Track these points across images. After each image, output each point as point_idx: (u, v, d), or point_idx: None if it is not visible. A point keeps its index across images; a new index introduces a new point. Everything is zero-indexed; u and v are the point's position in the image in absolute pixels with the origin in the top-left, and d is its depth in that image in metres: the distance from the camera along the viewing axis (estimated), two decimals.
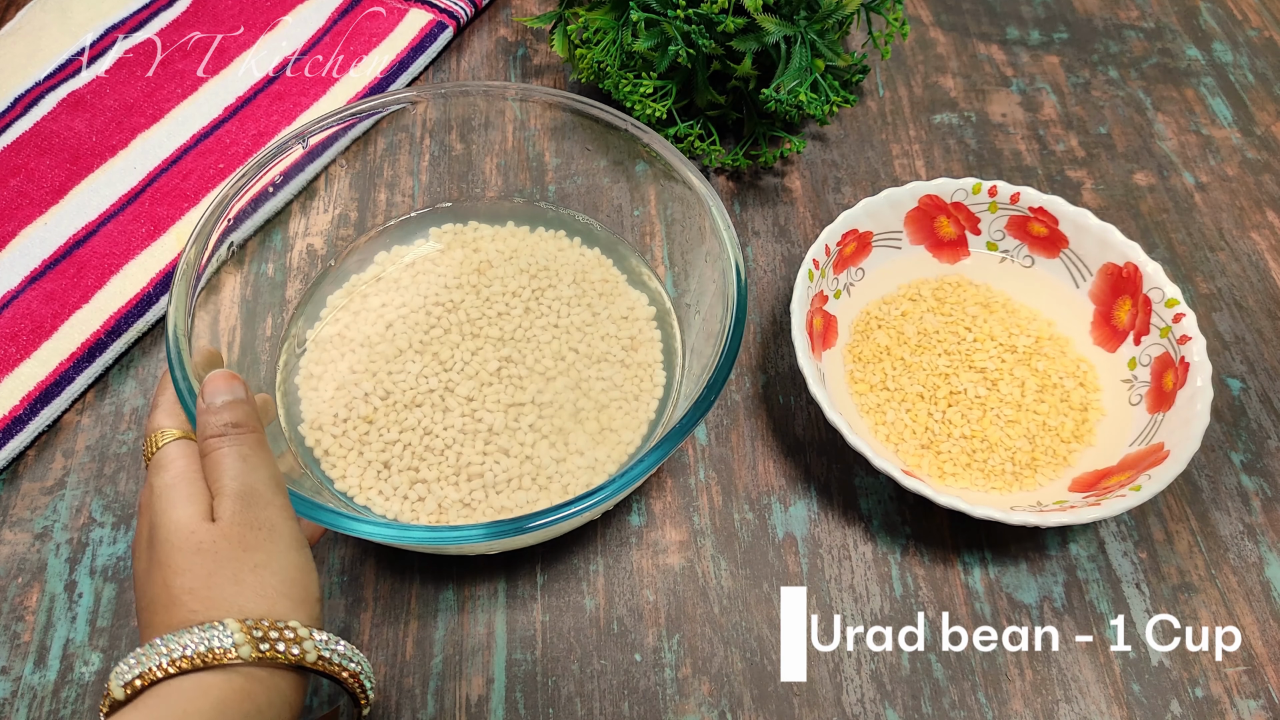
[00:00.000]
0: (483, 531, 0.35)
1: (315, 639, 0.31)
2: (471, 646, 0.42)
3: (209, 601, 0.30)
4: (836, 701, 0.41)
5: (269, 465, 0.34)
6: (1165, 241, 0.58)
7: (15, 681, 0.41)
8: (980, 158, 0.61)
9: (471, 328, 0.48)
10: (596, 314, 0.49)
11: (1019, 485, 0.46)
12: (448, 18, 0.64)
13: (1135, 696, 0.42)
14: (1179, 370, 0.46)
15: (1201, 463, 0.49)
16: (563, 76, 0.64)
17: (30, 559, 0.44)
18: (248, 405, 0.34)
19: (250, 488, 0.32)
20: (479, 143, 0.55)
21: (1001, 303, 0.52)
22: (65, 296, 0.50)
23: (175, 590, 0.30)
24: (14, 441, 0.46)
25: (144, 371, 0.50)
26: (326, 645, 0.31)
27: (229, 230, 0.43)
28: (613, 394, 0.46)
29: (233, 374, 0.35)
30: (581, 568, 0.44)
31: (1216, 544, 0.47)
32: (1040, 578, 0.45)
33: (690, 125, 0.57)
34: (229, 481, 0.32)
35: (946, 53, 0.67)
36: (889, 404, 0.48)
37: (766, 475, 0.48)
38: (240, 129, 0.58)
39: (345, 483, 0.43)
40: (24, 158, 0.56)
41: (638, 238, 0.52)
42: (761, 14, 0.51)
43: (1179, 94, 0.65)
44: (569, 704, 0.41)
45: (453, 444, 0.44)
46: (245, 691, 0.29)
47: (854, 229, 0.50)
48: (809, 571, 0.45)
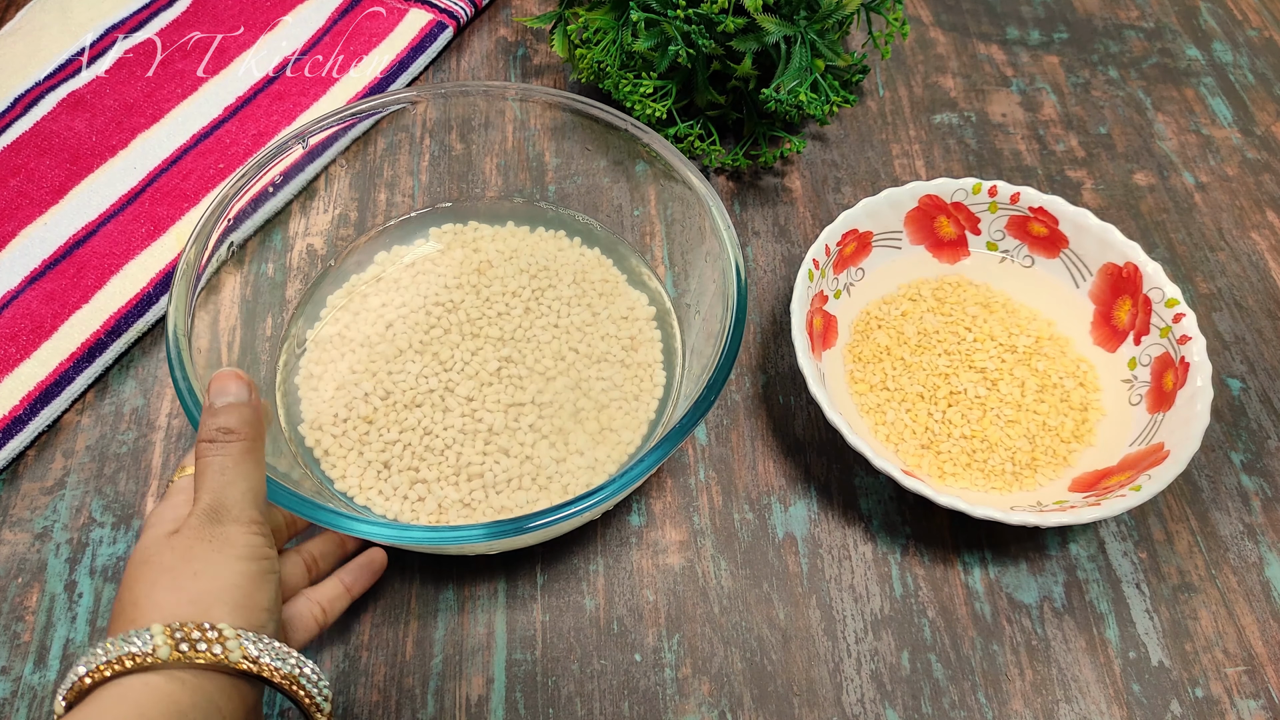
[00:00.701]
0: (483, 531, 0.35)
1: (242, 639, 0.30)
2: (471, 646, 0.42)
3: (145, 609, 0.30)
4: (836, 701, 0.41)
5: (249, 476, 0.33)
6: (1165, 241, 0.58)
7: (15, 681, 0.41)
8: (980, 158, 0.61)
9: (471, 328, 0.48)
10: (596, 314, 0.49)
11: (1019, 485, 0.46)
12: (448, 18, 0.64)
13: (1135, 696, 0.42)
14: (1179, 370, 0.46)
15: (1201, 463, 0.49)
16: (563, 76, 0.64)
17: (30, 559, 0.44)
18: (245, 408, 0.34)
19: (219, 502, 0.32)
20: (479, 143, 0.55)
21: (1001, 303, 0.52)
22: (65, 296, 0.50)
23: (123, 603, 0.31)
24: (14, 441, 0.46)
25: (144, 371, 0.50)
26: (257, 645, 0.31)
27: (229, 230, 0.43)
28: (613, 394, 0.46)
29: (236, 373, 0.35)
30: (581, 568, 0.44)
31: (1216, 544, 0.47)
32: (1040, 578, 0.45)
33: (690, 125, 0.57)
34: (202, 495, 0.33)
35: (946, 53, 0.67)
36: (889, 404, 0.48)
37: (766, 475, 0.48)
38: (240, 129, 0.58)
39: (345, 483, 0.43)
40: (24, 158, 0.56)
41: (638, 238, 0.52)
42: (761, 14, 0.51)
43: (1179, 94, 0.65)
44: (569, 704, 0.41)
45: (453, 444, 0.44)
46: (167, 694, 0.29)
47: (854, 229, 0.50)
48: (809, 571, 0.45)
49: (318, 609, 0.38)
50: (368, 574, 0.41)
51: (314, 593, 0.39)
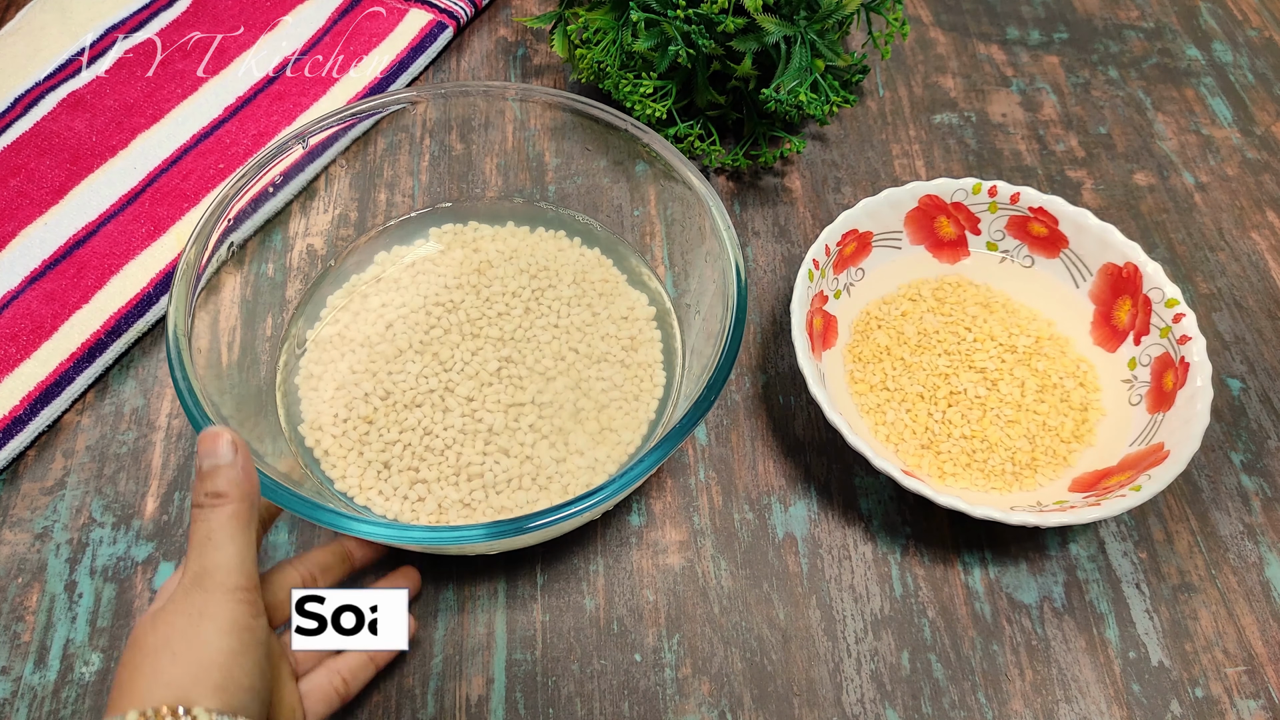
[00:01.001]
0: (483, 531, 0.35)
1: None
2: (471, 646, 0.42)
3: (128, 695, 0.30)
4: (836, 701, 0.41)
5: (236, 540, 0.33)
6: (1165, 241, 0.58)
7: (15, 681, 0.41)
8: (980, 158, 0.61)
9: (471, 328, 0.48)
10: (596, 314, 0.49)
11: (1019, 485, 0.46)
12: (448, 18, 0.64)
13: (1135, 696, 0.42)
14: (1179, 370, 0.46)
15: (1201, 463, 0.49)
16: (563, 76, 0.64)
17: (30, 559, 0.44)
18: (233, 469, 0.33)
19: (203, 570, 0.32)
20: (479, 143, 0.55)
21: (1001, 303, 0.52)
22: (65, 296, 0.50)
23: (114, 686, 0.31)
24: (14, 441, 0.46)
25: (144, 371, 0.50)
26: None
27: (229, 230, 0.43)
28: (613, 394, 0.46)
29: (221, 432, 0.33)
30: (581, 568, 0.44)
31: (1216, 544, 0.47)
32: (1040, 578, 0.45)
33: (690, 125, 0.57)
34: (190, 562, 0.32)
35: (946, 53, 0.67)
36: (889, 404, 0.48)
37: (766, 475, 0.48)
38: (240, 129, 0.58)
39: (345, 483, 0.43)
40: (24, 158, 0.56)
41: (638, 238, 0.52)
42: (761, 14, 0.51)
43: (1179, 94, 0.65)
44: (569, 704, 0.41)
45: (453, 444, 0.44)
46: None
47: (854, 229, 0.50)
48: (809, 571, 0.45)
49: (338, 680, 0.37)
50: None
51: (336, 662, 0.37)
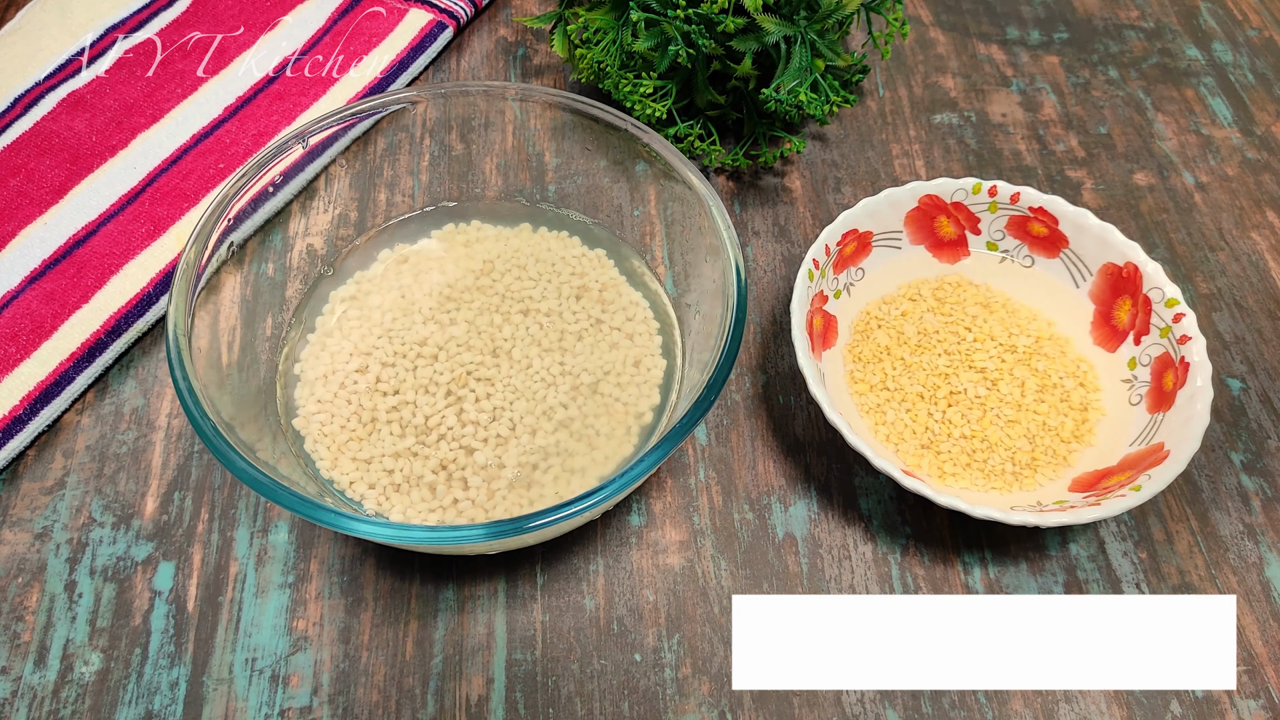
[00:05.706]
0: (483, 531, 0.35)
1: None
2: (471, 646, 0.42)
3: None
4: (836, 701, 0.41)
5: None
6: (1165, 241, 0.58)
7: (15, 681, 0.41)
8: (980, 158, 0.61)
9: (472, 327, 0.48)
10: (596, 314, 0.49)
11: (1019, 485, 0.46)
12: (448, 18, 0.64)
13: (1135, 696, 0.42)
14: (1179, 370, 0.46)
15: (1201, 463, 0.49)
16: (563, 76, 0.64)
17: (30, 559, 0.44)
18: None
19: None
20: (479, 143, 0.55)
21: (1001, 303, 0.52)
22: (65, 296, 0.50)
23: None
24: (14, 441, 0.46)
25: (144, 371, 0.50)
26: None
27: (229, 230, 0.43)
28: (612, 393, 0.46)
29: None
30: (581, 568, 0.44)
31: (1216, 544, 0.47)
32: (1040, 578, 0.45)
33: (690, 125, 0.57)
34: None
35: (946, 53, 0.67)
36: (889, 404, 0.48)
37: (766, 475, 0.48)
38: (240, 129, 0.58)
39: (345, 483, 0.43)
40: (24, 158, 0.56)
41: (638, 238, 0.52)
42: (761, 14, 0.51)
43: (1179, 94, 0.65)
44: (569, 704, 0.41)
45: (453, 444, 0.44)
46: None
47: (854, 229, 0.51)
48: (809, 571, 0.45)
49: None
50: None
51: None
